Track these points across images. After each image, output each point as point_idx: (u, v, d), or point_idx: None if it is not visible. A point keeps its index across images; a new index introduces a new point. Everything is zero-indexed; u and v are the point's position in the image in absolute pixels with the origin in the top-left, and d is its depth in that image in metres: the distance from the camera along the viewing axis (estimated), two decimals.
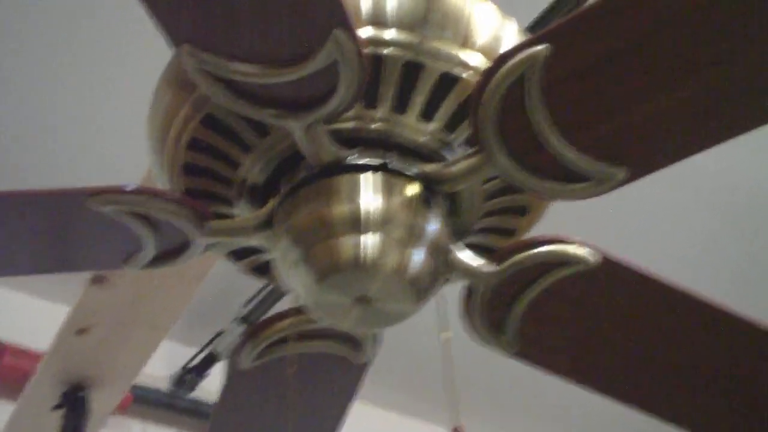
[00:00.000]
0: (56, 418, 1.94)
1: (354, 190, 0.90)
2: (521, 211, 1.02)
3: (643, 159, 0.89)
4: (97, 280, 1.70)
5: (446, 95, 0.92)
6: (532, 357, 1.04)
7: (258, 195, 0.99)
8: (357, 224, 0.88)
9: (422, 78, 0.90)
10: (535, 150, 0.86)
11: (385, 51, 0.89)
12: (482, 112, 0.84)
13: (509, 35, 0.96)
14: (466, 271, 0.97)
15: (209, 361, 2.56)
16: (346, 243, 0.87)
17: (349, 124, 0.93)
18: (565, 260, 0.96)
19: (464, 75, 0.91)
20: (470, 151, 0.91)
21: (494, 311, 1.00)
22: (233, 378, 1.15)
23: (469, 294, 0.99)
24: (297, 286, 0.93)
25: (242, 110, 0.89)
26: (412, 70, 0.90)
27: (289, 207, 0.94)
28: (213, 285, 1.97)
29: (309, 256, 0.89)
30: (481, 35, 0.93)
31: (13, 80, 2.10)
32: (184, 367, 2.59)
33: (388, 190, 0.90)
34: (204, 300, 2.23)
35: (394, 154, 0.93)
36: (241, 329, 2.35)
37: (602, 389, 1.07)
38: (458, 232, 0.99)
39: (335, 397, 1.20)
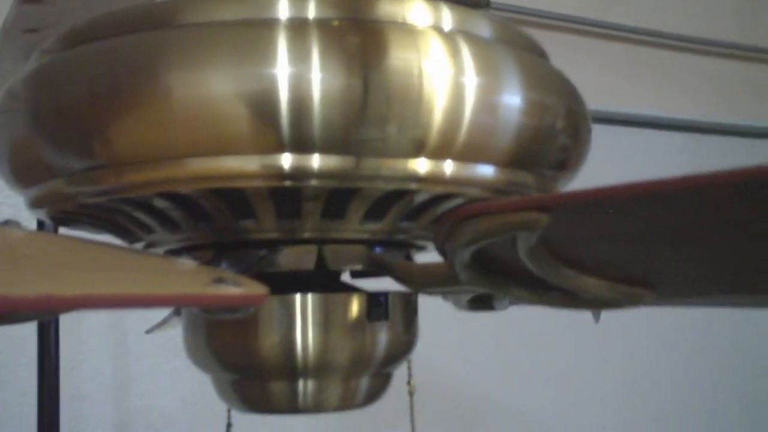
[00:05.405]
0: None
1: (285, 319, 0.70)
2: None
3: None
4: None
5: (400, 204, 0.66)
6: None
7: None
8: (293, 369, 0.69)
9: (360, 197, 0.64)
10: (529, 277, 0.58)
11: (312, 182, 0.61)
12: (457, 256, 0.57)
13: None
14: None
15: None
16: (279, 390, 0.70)
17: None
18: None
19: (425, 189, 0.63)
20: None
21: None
22: None
23: None
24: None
25: None
26: (345, 192, 0.64)
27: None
28: None
29: (237, 387, 0.72)
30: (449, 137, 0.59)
31: None
32: None
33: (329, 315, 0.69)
34: None
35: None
36: None
37: None
38: None
39: None
